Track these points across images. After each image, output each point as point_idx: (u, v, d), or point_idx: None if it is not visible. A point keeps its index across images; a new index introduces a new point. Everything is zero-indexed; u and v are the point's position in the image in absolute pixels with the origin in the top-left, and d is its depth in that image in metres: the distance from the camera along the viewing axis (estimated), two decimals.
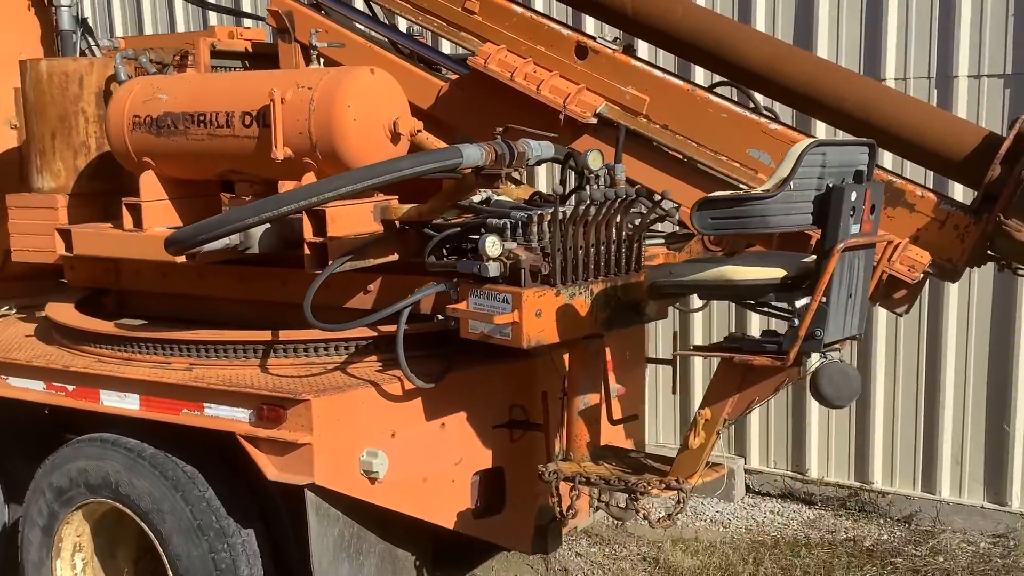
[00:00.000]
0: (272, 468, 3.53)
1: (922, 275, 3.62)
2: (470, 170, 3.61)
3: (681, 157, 4.05)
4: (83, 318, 4.34)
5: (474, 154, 3.50)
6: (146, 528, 3.84)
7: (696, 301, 6.19)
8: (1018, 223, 3.37)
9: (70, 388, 4.02)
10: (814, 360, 3.04)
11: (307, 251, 3.79)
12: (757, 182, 3.84)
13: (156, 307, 4.82)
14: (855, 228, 2.88)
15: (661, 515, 3.47)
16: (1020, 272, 3.61)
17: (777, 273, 2.96)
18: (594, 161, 3.51)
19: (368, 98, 3.72)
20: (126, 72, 4.57)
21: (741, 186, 3.87)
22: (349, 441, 3.55)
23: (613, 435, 4.28)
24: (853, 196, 2.83)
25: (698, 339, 6.37)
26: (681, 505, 3.32)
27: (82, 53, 5.67)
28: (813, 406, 6.08)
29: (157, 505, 3.79)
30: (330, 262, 3.73)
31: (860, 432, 5.98)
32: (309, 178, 3.76)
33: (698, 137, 3.98)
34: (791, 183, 2.80)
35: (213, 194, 4.32)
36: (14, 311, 5.13)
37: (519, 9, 4.27)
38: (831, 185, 2.84)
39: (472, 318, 3.37)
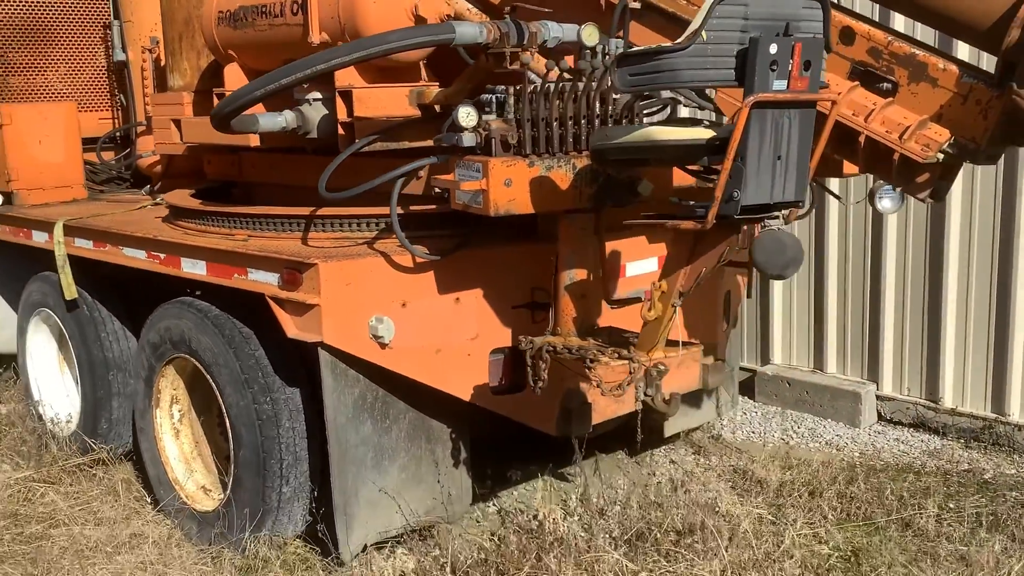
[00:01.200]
0: (292, 327, 3.87)
1: (941, 156, 3.33)
2: (480, 49, 3.73)
3: None
4: (184, 199, 4.87)
5: (470, 31, 3.60)
6: (209, 379, 4.31)
7: None
8: None
9: (162, 256, 4.56)
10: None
11: (340, 131, 4.06)
12: None
13: (275, 198, 5.28)
14: (779, 84, 2.74)
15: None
16: None
17: (704, 134, 2.87)
18: (588, 36, 3.52)
19: None
20: None
21: None
22: (357, 306, 3.80)
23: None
24: (773, 49, 2.69)
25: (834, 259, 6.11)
26: (632, 376, 3.31)
27: None
28: (949, 329, 5.63)
29: (215, 359, 4.24)
30: (356, 140, 3.99)
31: (998, 359, 5.48)
32: None
33: None
34: (702, 34, 2.71)
35: None
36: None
37: None
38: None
39: (455, 188, 3.51)
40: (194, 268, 4.35)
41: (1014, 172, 5.23)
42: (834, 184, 5.44)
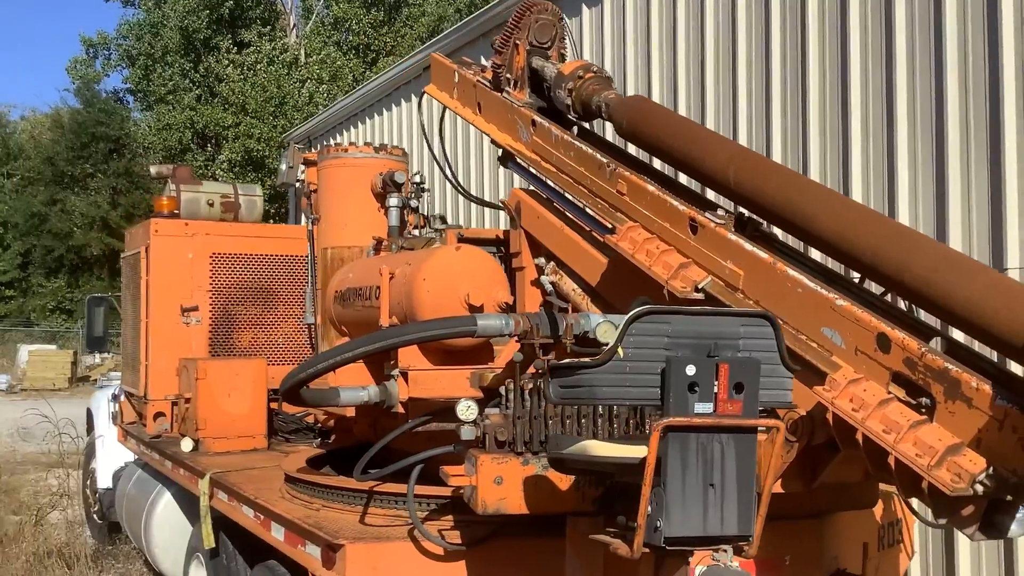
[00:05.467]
0: None
1: (980, 488, 2.85)
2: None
3: None
4: (295, 463, 5.12)
5: (493, 324, 3.63)
6: None
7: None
8: None
9: (261, 518, 4.78)
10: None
11: (401, 409, 4.16)
12: (830, 366, 3.37)
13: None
14: (703, 408, 2.51)
15: None
16: None
17: (639, 452, 2.66)
18: (603, 334, 3.44)
19: (443, 273, 4.08)
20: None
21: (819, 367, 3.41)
22: None
23: None
24: (691, 370, 2.50)
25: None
26: None
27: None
28: None
29: None
30: (408, 421, 4.06)
31: None
32: None
33: (783, 314, 3.58)
34: (620, 351, 2.57)
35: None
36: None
37: (651, 188, 4.27)
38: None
39: (457, 482, 3.45)
40: (277, 533, 4.52)
41: None
42: None
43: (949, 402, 2.98)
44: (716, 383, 2.50)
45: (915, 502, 5.14)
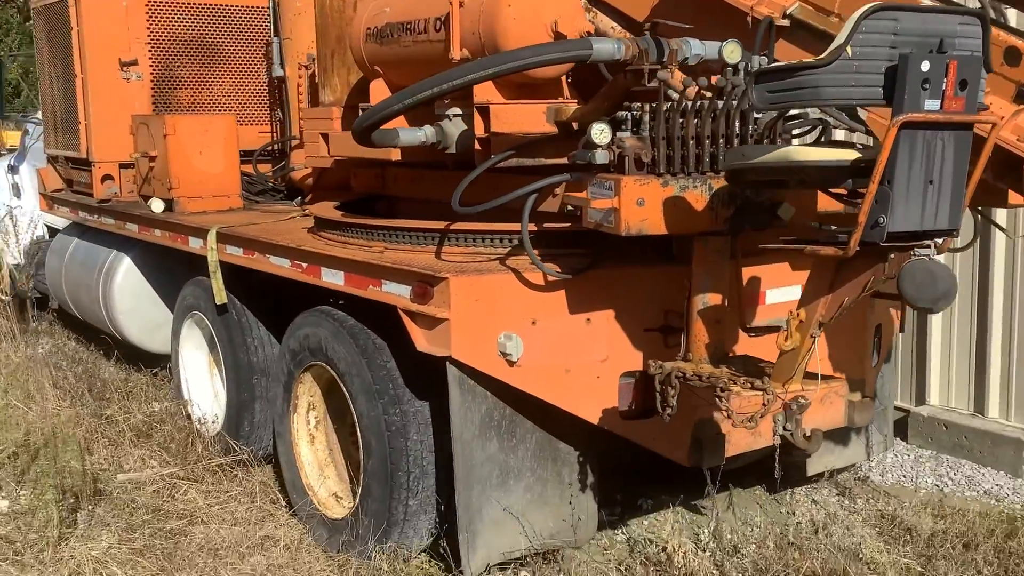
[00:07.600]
0: (422, 340, 3.87)
1: None
2: (618, 66, 3.65)
3: None
4: (328, 211, 4.96)
5: (607, 48, 3.53)
6: (343, 387, 4.36)
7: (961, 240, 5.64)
8: None
9: (304, 265, 4.65)
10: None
11: (477, 146, 4.05)
12: None
13: (416, 212, 5.34)
14: (932, 104, 2.56)
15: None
16: None
17: (848, 155, 2.71)
18: (730, 54, 3.40)
19: None
20: None
21: None
22: (486, 322, 3.77)
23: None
24: (925, 66, 2.52)
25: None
26: (765, 408, 3.15)
27: None
28: None
29: (349, 368, 4.30)
30: (492, 156, 3.96)
31: None
32: None
33: None
34: (847, 50, 2.56)
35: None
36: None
37: None
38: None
39: (587, 206, 3.44)
40: (333, 278, 4.42)
41: None
42: (1000, 215, 5.11)
43: None
44: (945, 80, 2.54)
45: None
